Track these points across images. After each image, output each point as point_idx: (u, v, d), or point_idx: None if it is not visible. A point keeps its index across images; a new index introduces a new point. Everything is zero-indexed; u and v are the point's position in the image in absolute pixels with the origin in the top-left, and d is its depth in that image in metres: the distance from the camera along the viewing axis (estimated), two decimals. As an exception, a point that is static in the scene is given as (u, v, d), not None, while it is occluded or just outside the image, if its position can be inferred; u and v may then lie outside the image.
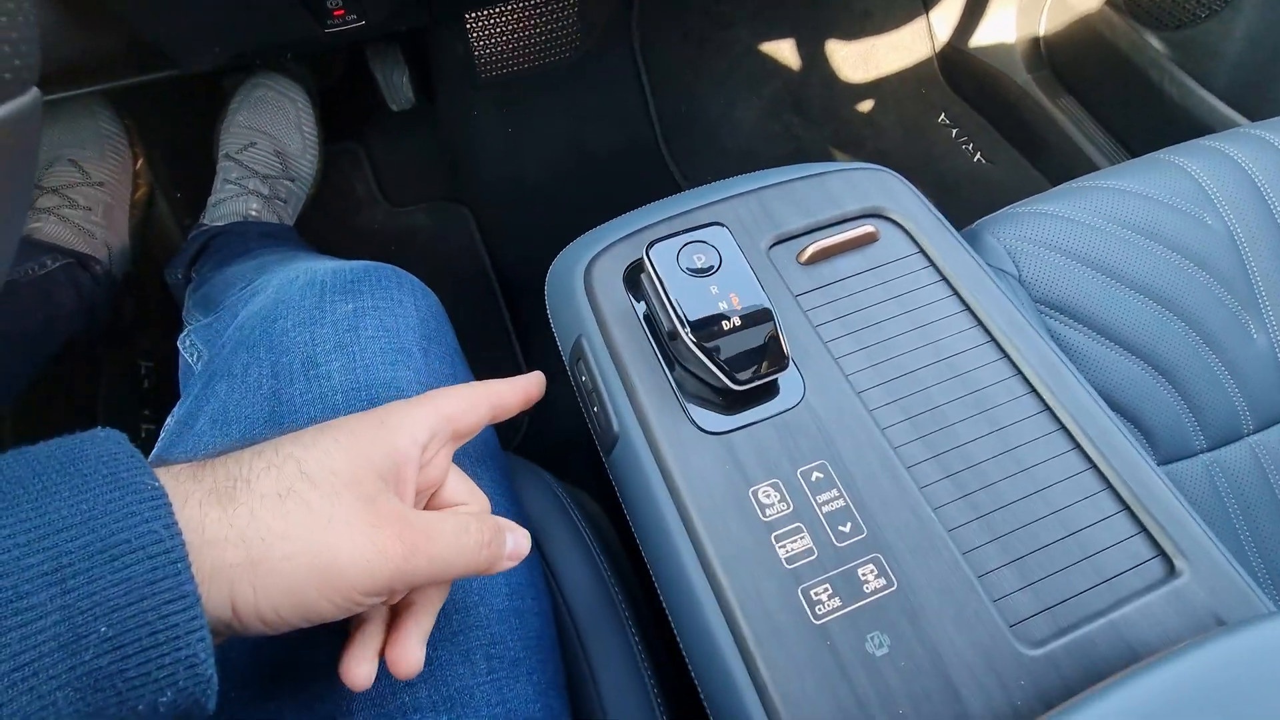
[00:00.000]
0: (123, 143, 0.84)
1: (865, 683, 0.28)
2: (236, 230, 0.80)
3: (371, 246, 1.01)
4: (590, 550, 0.43)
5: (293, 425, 0.34)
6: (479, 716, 0.31)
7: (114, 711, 0.20)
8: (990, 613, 0.30)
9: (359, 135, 1.05)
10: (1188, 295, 0.53)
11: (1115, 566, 0.32)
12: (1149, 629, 0.30)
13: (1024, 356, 0.36)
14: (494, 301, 0.98)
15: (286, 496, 0.24)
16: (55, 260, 0.75)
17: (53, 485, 0.21)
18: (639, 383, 0.35)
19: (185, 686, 0.21)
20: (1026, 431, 0.35)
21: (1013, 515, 0.33)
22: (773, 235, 0.39)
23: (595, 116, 1.07)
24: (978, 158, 1.07)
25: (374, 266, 0.42)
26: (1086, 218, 0.53)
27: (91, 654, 0.19)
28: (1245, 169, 0.56)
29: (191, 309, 0.70)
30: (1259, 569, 0.51)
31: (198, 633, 0.21)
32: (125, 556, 0.20)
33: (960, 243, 0.40)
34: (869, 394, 0.35)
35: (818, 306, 0.37)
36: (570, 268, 0.39)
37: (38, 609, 0.19)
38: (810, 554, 0.31)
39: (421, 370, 0.38)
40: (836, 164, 0.42)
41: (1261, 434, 0.54)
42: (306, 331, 0.38)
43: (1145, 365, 0.52)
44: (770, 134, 1.10)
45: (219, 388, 0.38)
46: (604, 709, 0.38)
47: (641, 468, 0.33)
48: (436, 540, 0.26)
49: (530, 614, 0.36)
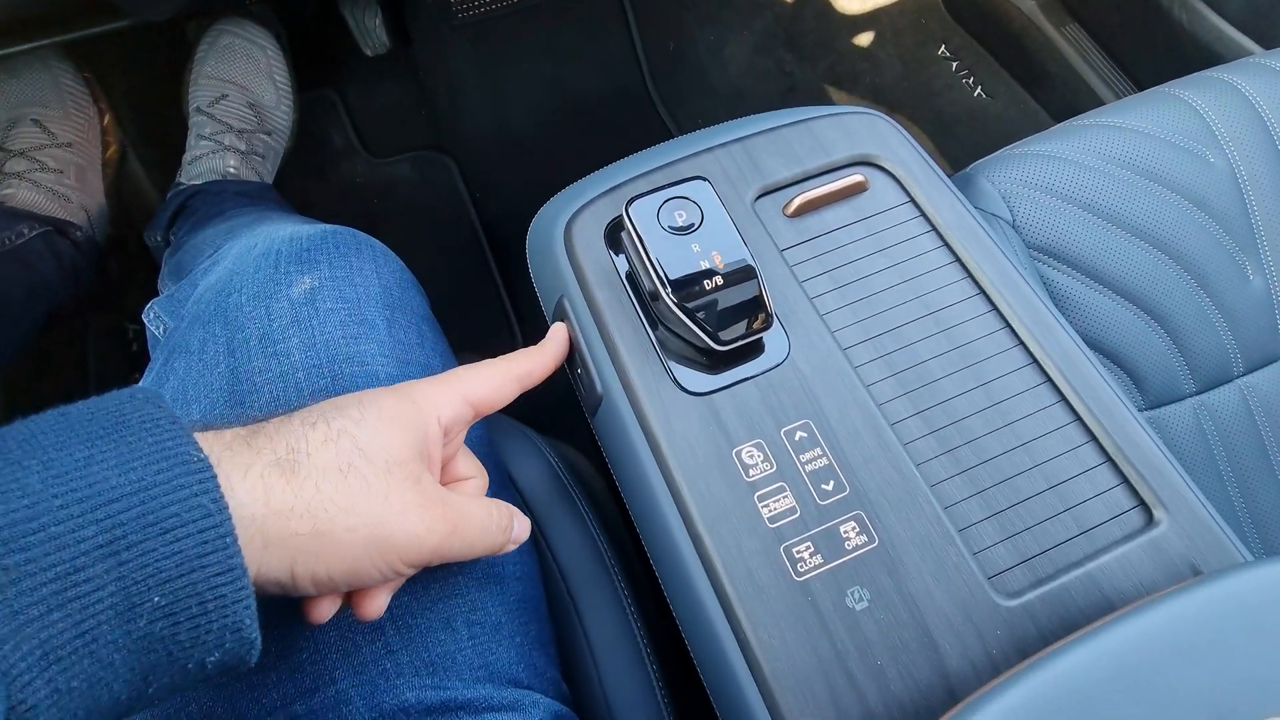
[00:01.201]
0: (86, 98, 0.81)
1: (844, 635, 0.29)
2: (213, 190, 0.77)
3: (352, 201, 0.98)
4: (579, 509, 0.43)
5: (254, 403, 0.34)
6: (462, 679, 0.32)
7: (165, 669, 0.22)
8: (969, 565, 0.31)
9: (334, 83, 1.01)
10: (1185, 238, 0.52)
11: (1095, 517, 0.32)
12: (1125, 579, 0.31)
13: (1013, 309, 0.36)
14: (481, 255, 0.96)
15: (348, 472, 0.25)
16: (32, 229, 0.73)
17: (99, 453, 0.21)
18: (621, 343, 0.34)
19: (231, 648, 0.22)
20: (1012, 385, 0.34)
21: (996, 469, 0.33)
22: (759, 187, 0.38)
23: (579, 57, 1.03)
24: (978, 92, 1.04)
25: (332, 232, 0.40)
26: (1084, 158, 0.51)
27: (146, 620, 0.21)
28: (1253, 102, 0.54)
29: (165, 277, 0.69)
30: (1241, 510, 0.52)
31: (244, 602, 0.22)
32: (176, 530, 0.21)
33: (952, 191, 0.38)
34: (855, 350, 0.35)
35: (804, 261, 0.37)
36: (550, 226, 0.38)
37: (95, 580, 0.20)
38: (793, 513, 0.31)
39: (386, 342, 0.37)
40: (826, 108, 0.40)
41: (1251, 376, 0.54)
42: (261, 306, 0.37)
43: (1137, 310, 0.51)
44: (761, 71, 1.06)
45: (177, 365, 0.37)
46: (596, 663, 0.39)
47: (625, 429, 0.33)
48: (471, 523, 0.28)
49: (512, 579, 0.36)
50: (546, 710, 0.34)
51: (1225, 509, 0.52)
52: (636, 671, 0.39)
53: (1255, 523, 0.52)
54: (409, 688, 0.31)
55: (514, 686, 0.34)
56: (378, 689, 0.31)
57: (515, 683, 0.34)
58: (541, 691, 0.35)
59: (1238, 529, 0.52)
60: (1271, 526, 0.52)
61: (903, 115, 1.03)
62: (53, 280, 0.74)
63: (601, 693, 0.38)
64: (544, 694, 0.35)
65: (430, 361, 0.39)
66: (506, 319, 0.93)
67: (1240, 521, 0.52)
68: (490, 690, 0.33)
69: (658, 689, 0.39)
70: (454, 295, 0.93)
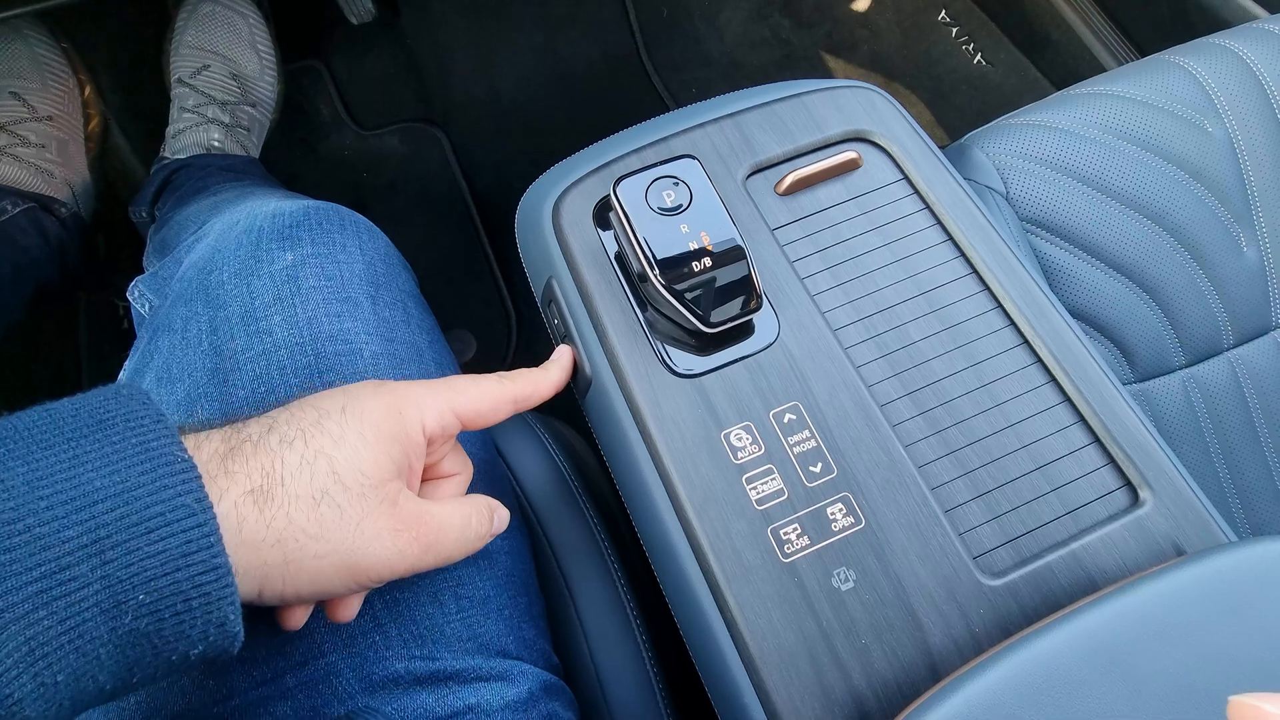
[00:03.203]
0: (64, 69, 0.79)
1: (830, 615, 0.29)
2: (198, 164, 0.76)
3: (341, 174, 0.97)
4: (570, 486, 0.44)
5: (237, 382, 0.34)
6: (450, 650, 0.33)
7: (149, 661, 0.22)
8: (955, 545, 0.31)
9: (320, 53, 0.98)
10: (1180, 209, 0.51)
11: (1081, 498, 0.32)
12: (1109, 558, 0.31)
13: (1005, 289, 0.35)
14: (472, 228, 0.95)
15: (321, 500, 0.25)
16: (15, 205, 0.72)
17: (84, 453, 0.21)
18: (610, 325, 0.34)
19: (215, 641, 0.23)
20: (1003, 366, 0.34)
21: (984, 450, 0.33)
22: (751, 164, 0.37)
23: (571, 25, 1.00)
24: (978, 59, 1.02)
25: (315, 208, 0.39)
26: (1081, 128, 0.51)
27: (131, 617, 0.21)
28: (1254, 70, 0.53)
29: (150, 254, 0.69)
30: (1226, 483, 0.53)
31: (229, 599, 0.22)
32: (160, 530, 0.21)
33: (946, 167, 0.38)
34: (845, 331, 0.35)
35: (796, 240, 0.36)
36: (538, 205, 0.37)
37: (80, 579, 0.20)
38: (781, 494, 0.31)
39: (370, 320, 0.37)
40: (820, 81, 0.39)
41: (1241, 348, 0.54)
42: (243, 284, 0.36)
43: (1130, 283, 0.51)
44: (757, 39, 1.04)
45: (161, 343, 0.37)
46: (586, 636, 0.39)
47: (614, 411, 0.33)
48: (446, 536, 0.28)
49: (500, 554, 0.36)
50: (535, 679, 0.35)
51: (1211, 482, 0.52)
52: (626, 643, 0.40)
53: (1240, 495, 0.53)
54: (398, 659, 0.32)
55: (502, 657, 0.34)
56: (367, 660, 0.32)
57: (504, 654, 0.34)
58: (531, 662, 0.35)
59: (1223, 502, 0.52)
60: (1257, 499, 0.53)
61: (901, 83, 1.01)
62: (39, 257, 0.73)
63: (592, 664, 0.39)
64: (533, 664, 0.36)
65: (416, 339, 0.39)
66: (499, 292, 0.93)
67: (1226, 494, 0.52)
68: (479, 661, 0.33)
69: (648, 660, 0.39)
70: (445, 269, 0.92)
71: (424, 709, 0.31)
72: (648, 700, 0.39)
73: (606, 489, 0.46)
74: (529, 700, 0.34)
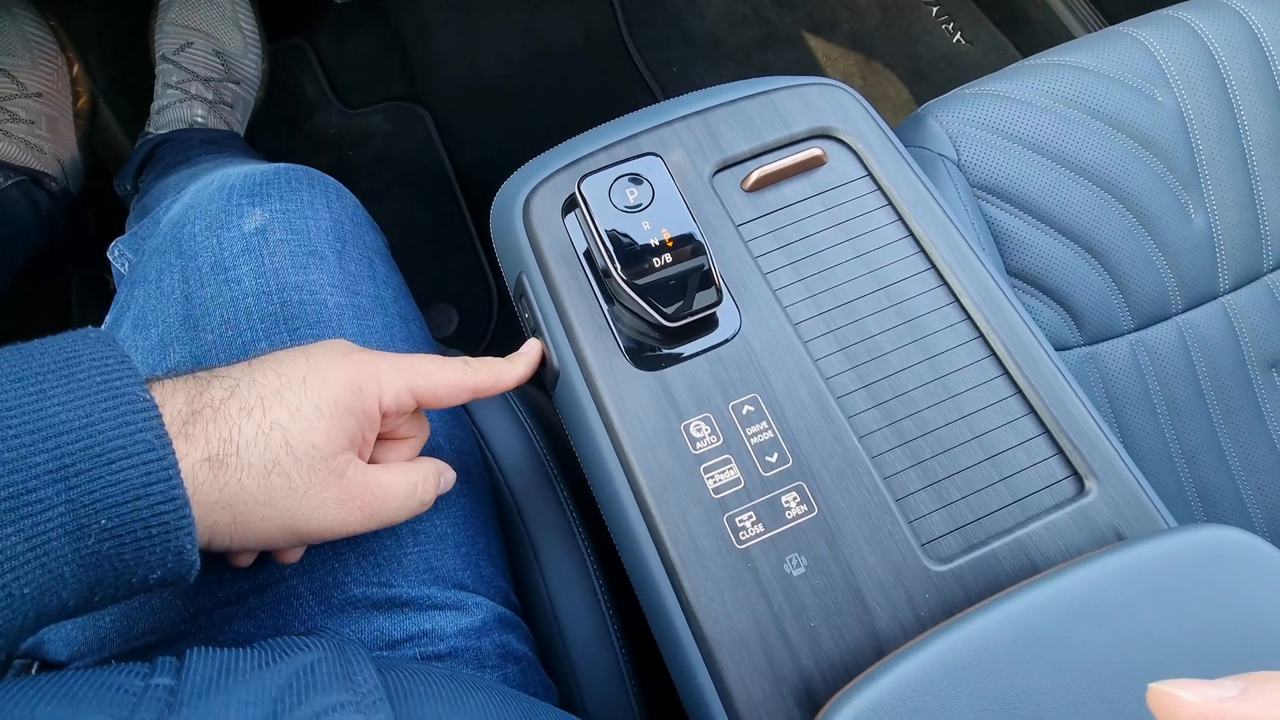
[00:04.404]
0: (53, 47, 0.79)
1: (781, 599, 0.31)
2: (180, 138, 0.77)
3: (326, 151, 0.97)
4: (531, 440, 0.45)
5: (207, 327, 0.36)
6: (407, 580, 0.35)
7: (110, 582, 0.24)
8: (904, 533, 0.32)
9: (305, 31, 0.98)
10: (1129, 177, 0.52)
11: (1028, 487, 0.34)
12: (1052, 545, 0.32)
13: (963, 285, 0.36)
14: (455, 205, 0.96)
15: (272, 470, 0.27)
16: (8, 177, 0.73)
17: (50, 388, 0.23)
18: (576, 320, 0.35)
19: (173, 568, 0.25)
20: (957, 359, 0.36)
21: (936, 440, 0.34)
22: (717, 160, 0.38)
23: (552, 3, 1.00)
24: (957, 38, 1.02)
25: (285, 168, 0.41)
26: (1034, 97, 0.52)
27: (94, 540, 0.23)
28: (1205, 41, 0.55)
29: (132, 221, 0.70)
30: (1172, 442, 0.54)
31: (185, 529, 0.24)
32: (120, 461, 0.23)
33: (909, 164, 0.39)
34: (806, 325, 0.36)
35: (760, 236, 0.37)
36: (510, 202, 0.38)
37: (45, 501, 0.22)
38: (737, 484, 0.32)
39: (335, 272, 0.39)
40: (789, 79, 0.40)
41: (1189, 313, 0.55)
42: (214, 236, 0.38)
43: (1078, 248, 0.52)
44: (738, 18, 1.03)
45: (137, 294, 0.39)
46: (544, 578, 0.41)
47: (580, 403, 0.34)
48: (390, 504, 0.30)
49: (457, 495, 0.38)
50: (490, 611, 0.37)
51: (1157, 441, 0.54)
52: (583, 583, 0.42)
53: (1185, 454, 0.54)
54: (356, 585, 0.34)
55: (459, 589, 0.36)
56: (326, 585, 0.34)
57: (460, 586, 0.37)
58: (487, 597, 0.38)
59: (1168, 460, 0.54)
60: (1200, 457, 0.55)
61: (881, 62, 1.01)
62: (30, 229, 0.74)
63: (549, 604, 0.41)
64: (489, 599, 0.38)
65: (381, 294, 0.41)
66: (481, 267, 0.94)
67: (1171, 453, 0.54)
68: (434, 590, 0.35)
69: (603, 601, 0.41)
70: (429, 243, 0.93)
71: (380, 632, 0.34)
72: (603, 638, 0.41)
73: (567, 446, 0.48)
74: (482, 629, 0.36)
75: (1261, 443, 0.55)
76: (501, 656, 0.36)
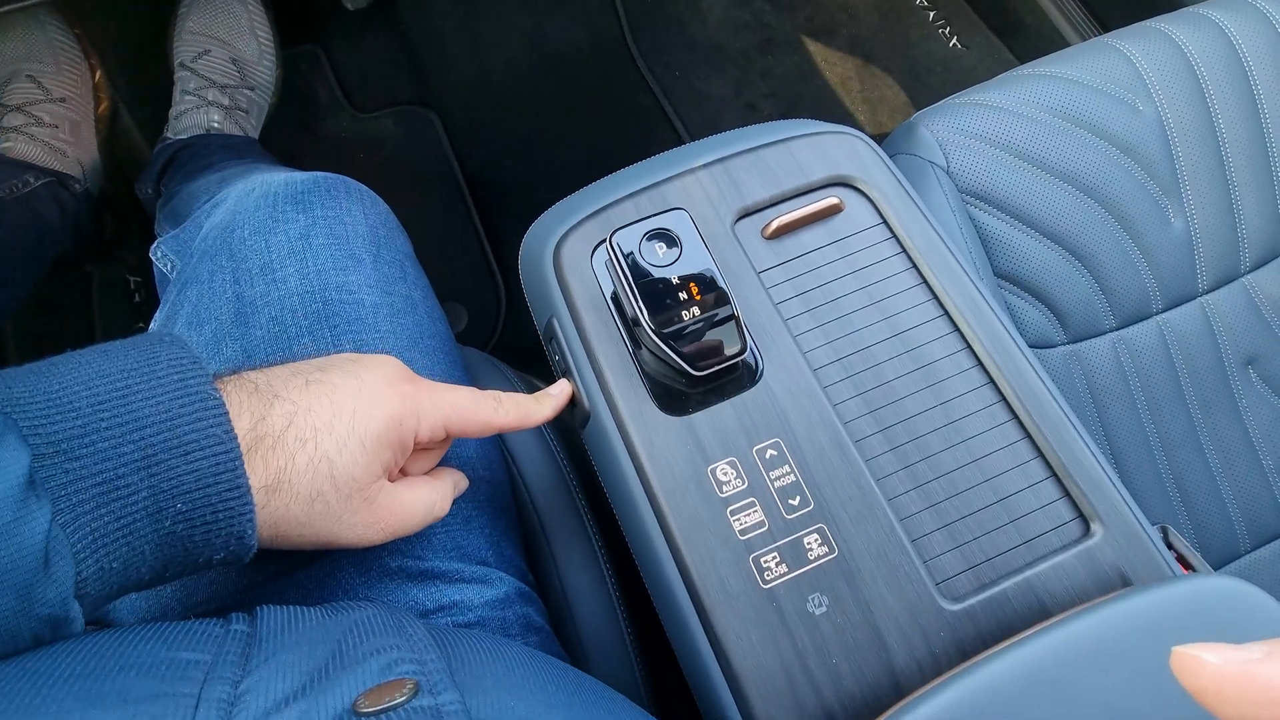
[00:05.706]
0: (77, 54, 0.81)
1: (805, 637, 0.33)
2: (199, 144, 0.79)
3: (337, 154, 0.98)
4: (549, 445, 0.47)
5: (256, 323, 0.39)
6: (438, 555, 0.38)
7: (180, 561, 0.27)
8: (919, 573, 0.34)
9: (318, 38, 0.98)
10: (1111, 182, 0.54)
11: (1037, 528, 0.35)
12: (1060, 585, 0.34)
13: (974, 331, 0.38)
14: (464, 207, 0.97)
15: (315, 499, 0.30)
16: (37, 178, 0.75)
17: (135, 385, 0.26)
18: (606, 365, 0.36)
19: (234, 550, 0.28)
20: (969, 404, 0.37)
21: (949, 483, 0.36)
22: (738, 208, 0.39)
23: (558, 10, 1.00)
24: (954, 43, 1.03)
25: (324, 178, 0.44)
26: (1020, 107, 0.54)
27: (170, 522, 0.26)
28: (1185, 53, 0.56)
29: (162, 222, 0.73)
30: (1152, 436, 0.56)
31: (247, 516, 0.27)
32: (195, 453, 0.26)
33: (922, 212, 0.40)
34: (824, 371, 0.37)
35: (780, 283, 0.38)
36: (540, 246, 0.39)
37: (131, 487, 0.25)
38: (761, 526, 0.34)
39: (371, 275, 0.42)
40: (804, 125, 0.41)
41: (1169, 313, 0.57)
42: (261, 240, 0.41)
43: (1062, 251, 0.54)
44: (740, 23, 1.04)
45: (190, 293, 0.42)
46: (556, 563, 0.44)
47: (610, 445, 0.36)
48: (410, 521, 0.33)
49: (481, 481, 0.41)
50: (512, 586, 0.40)
51: (1137, 436, 0.56)
52: (591, 568, 0.44)
53: (1165, 449, 0.57)
54: (392, 558, 0.37)
55: (483, 565, 0.40)
56: (365, 558, 0.37)
57: (484, 563, 0.40)
58: (508, 573, 0.41)
59: (1148, 454, 0.56)
60: (1179, 452, 0.57)
61: (878, 66, 1.02)
62: (57, 228, 0.76)
63: (559, 584, 0.44)
64: (510, 575, 0.41)
65: (411, 293, 0.44)
66: (489, 266, 0.95)
67: (1151, 447, 0.56)
68: (462, 565, 0.39)
69: (610, 586, 0.43)
70: (438, 244, 0.95)
71: (414, 601, 0.37)
72: (610, 619, 0.43)
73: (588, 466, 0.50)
74: (505, 601, 0.39)
75: (1238, 437, 0.57)
76: (524, 627, 0.40)
